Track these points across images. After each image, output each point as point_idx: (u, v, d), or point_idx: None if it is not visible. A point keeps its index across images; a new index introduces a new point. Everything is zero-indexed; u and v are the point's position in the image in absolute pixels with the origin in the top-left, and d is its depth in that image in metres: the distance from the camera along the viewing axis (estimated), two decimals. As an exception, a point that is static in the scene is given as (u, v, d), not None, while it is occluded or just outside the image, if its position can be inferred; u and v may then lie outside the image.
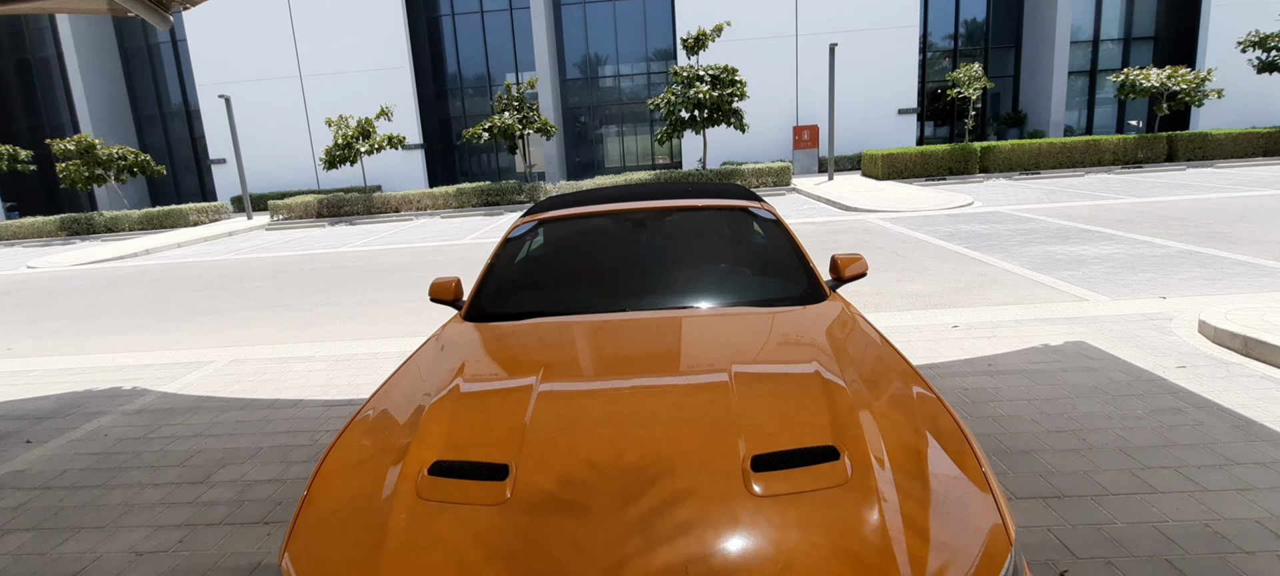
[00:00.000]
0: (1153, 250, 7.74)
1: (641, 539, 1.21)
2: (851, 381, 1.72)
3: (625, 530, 1.23)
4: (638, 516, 1.26)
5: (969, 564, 1.19)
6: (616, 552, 1.19)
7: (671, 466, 1.38)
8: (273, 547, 2.65)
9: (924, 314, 5.50)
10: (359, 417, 1.83)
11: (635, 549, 1.19)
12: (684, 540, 1.20)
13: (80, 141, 21.24)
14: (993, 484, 1.38)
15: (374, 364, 5.10)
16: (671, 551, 1.18)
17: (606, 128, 30.73)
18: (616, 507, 1.28)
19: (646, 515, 1.26)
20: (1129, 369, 3.94)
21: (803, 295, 2.49)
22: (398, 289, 8.62)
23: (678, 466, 1.38)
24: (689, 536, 1.20)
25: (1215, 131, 19.42)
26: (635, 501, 1.29)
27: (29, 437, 4.08)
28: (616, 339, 2.16)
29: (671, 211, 2.97)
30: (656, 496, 1.30)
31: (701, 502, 1.27)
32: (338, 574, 1.27)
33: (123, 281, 11.33)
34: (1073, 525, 2.43)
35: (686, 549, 1.18)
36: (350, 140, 20.35)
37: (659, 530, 1.22)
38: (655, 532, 1.22)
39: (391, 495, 1.40)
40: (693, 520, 1.24)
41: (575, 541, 1.22)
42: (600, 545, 1.21)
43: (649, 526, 1.23)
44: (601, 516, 1.27)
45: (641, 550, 1.19)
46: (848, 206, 14.18)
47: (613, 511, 1.28)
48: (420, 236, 14.78)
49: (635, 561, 1.17)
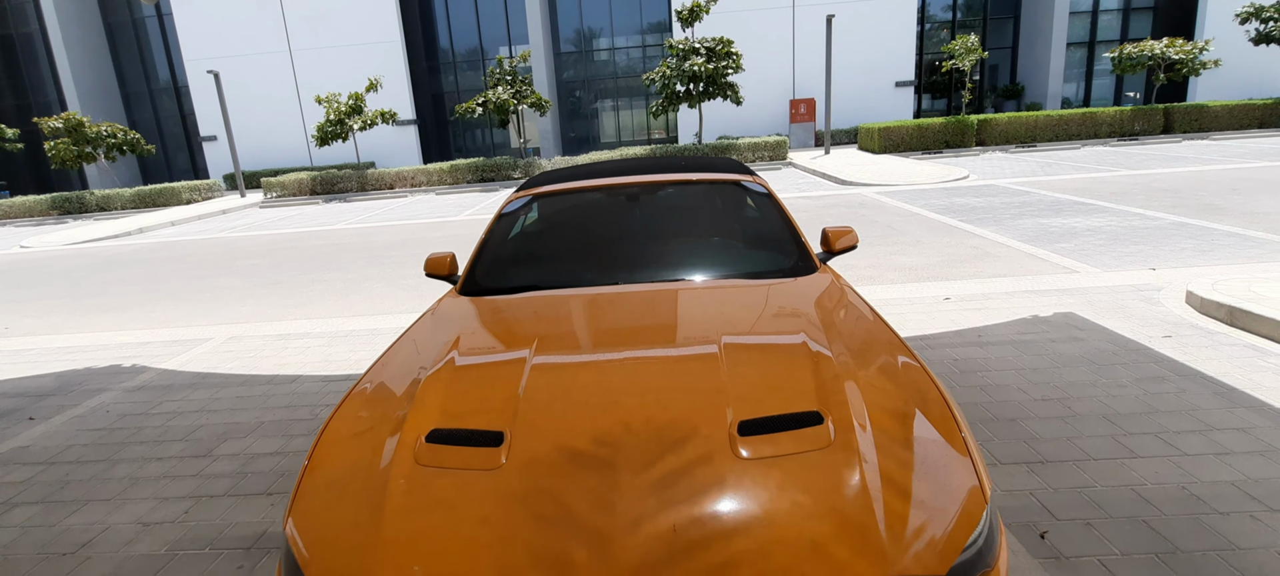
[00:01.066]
0: (1145, 222, 7.79)
1: (632, 502, 1.26)
2: (838, 351, 1.77)
3: (615, 493, 1.28)
4: (628, 480, 1.31)
5: (946, 521, 1.25)
6: (607, 514, 1.24)
7: (661, 432, 1.43)
8: (276, 517, 2.71)
9: (917, 286, 5.56)
10: (357, 389, 1.87)
11: (625, 511, 1.24)
12: (672, 502, 1.25)
13: (68, 119, 20.95)
14: (972, 447, 1.44)
15: (372, 339, 5.14)
16: (659, 512, 1.23)
17: (601, 102, 30.43)
18: (607, 472, 1.33)
19: (637, 479, 1.31)
20: (1116, 339, 4.01)
21: (793, 267, 2.53)
22: (394, 266, 8.63)
23: (667, 432, 1.43)
24: (677, 498, 1.25)
25: (1212, 103, 19.36)
26: (626, 466, 1.34)
27: (31, 414, 4.12)
28: (609, 312, 2.20)
29: (664, 185, 2.99)
30: (646, 461, 1.35)
31: (689, 466, 1.32)
32: (340, 537, 1.32)
33: (117, 260, 11.30)
34: (1054, 489, 2.51)
35: (674, 510, 1.23)
36: (342, 116, 20.13)
37: (648, 493, 1.27)
38: (644, 495, 1.27)
39: (390, 462, 1.45)
40: (681, 482, 1.29)
41: (567, 504, 1.27)
42: (591, 507, 1.26)
43: (638, 489, 1.28)
44: (592, 480, 1.32)
45: (631, 513, 1.24)
46: (844, 180, 14.16)
47: (603, 475, 1.33)
48: (415, 213, 14.73)
49: (624, 524, 1.22)
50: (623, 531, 1.20)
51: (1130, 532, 2.22)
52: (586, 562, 1.16)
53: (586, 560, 1.16)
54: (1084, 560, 2.11)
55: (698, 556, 1.15)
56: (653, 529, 1.20)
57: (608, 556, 1.16)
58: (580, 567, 1.16)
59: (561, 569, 1.16)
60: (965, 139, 19.50)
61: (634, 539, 1.18)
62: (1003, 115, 19.61)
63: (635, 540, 1.18)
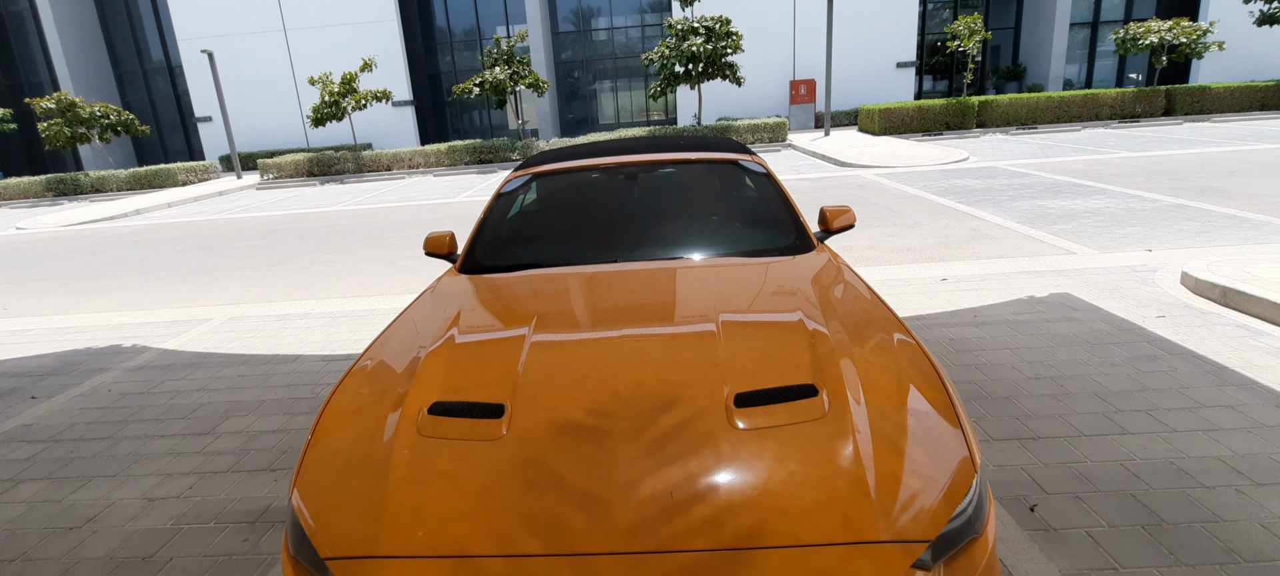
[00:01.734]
0: (1143, 204, 7.80)
1: (630, 470, 1.29)
2: (834, 328, 1.79)
3: (614, 462, 1.31)
4: (626, 450, 1.34)
5: (937, 490, 1.28)
6: (604, 482, 1.27)
7: (659, 404, 1.46)
8: (280, 492, 2.75)
9: (914, 267, 5.58)
10: (359, 365, 1.90)
11: (623, 478, 1.27)
12: (669, 469, 1.28)
13: (60, 99, 20.75)
14: (963, 420, 1.47)
15: (372, 320, 5.16)
16: (657, 479, 1.26)
17: (600, 83, 30.19)
18: (606, 442, 1.36)
19: (635, 448, 1.34)
20: (1110, 319, 4.04)
21: (791, 246, 2.55)
22: (393, 247, 8.63)
23: (664, 404, 1.46)
24: (674, 466, 1.29)
25: (1214, 85, 19.26)
26: (624, 436, 1.37)
27: (33, 393, 4.15)
28: (608, 290, 2.22)
29: (663, 164, 2.99)
30: (644, 431, 1.38)
31: (687, 435, 1.35)
32: (344, 505, 1.35)
33: (115, 242, 11.27)
34: (1045, 464, 2.55)
35: (672, 477, 1.26)
36: (336, 97, 19.97)
37: (646, 461, 1.30)
38: (642, 463, 1.30)
39: (393, 434, 1.48)
40: (678, 451, 1.32)
41: (566, 472, 1.30)
42: (590, 475, 1.29)
43: (637, 458, 1.31)
44: (591, 449, 1.35)
45: (629, 480, 1.27)
46: (843, 162, 14.12)
47: (602, 445, 1.36)
48: (413, 194, 14.69)
49: (622, 491, 1.25)
50: (620, 498, 1.23)
51: (1118, 505, 2.27)
52: (585, 528, 1.19)
53: (585, 526, 1.20)
54: (1072, 532, 2.16)
55: (694, 522, 1.18)
56: (650, 495, 1.23)
57: (606, 522, 1.20)
58: (579, 533, 1.19)
59: (561, 534, 1.19)
60: (966, 121, 19.41)
61: (631, 505, 1.22)
62: (1004, 97, 19.50)
63: (632, 506, 1.21)
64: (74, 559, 2.41)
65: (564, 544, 1.18)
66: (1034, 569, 2.01)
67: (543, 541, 1.19)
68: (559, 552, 1.17)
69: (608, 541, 1.17)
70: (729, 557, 1.14)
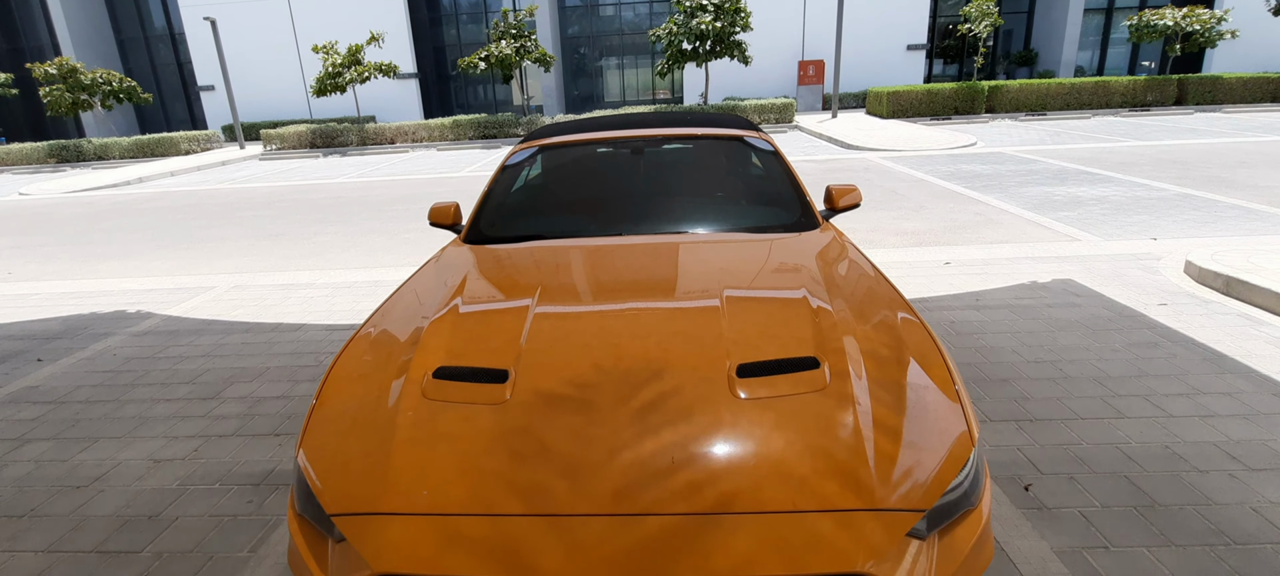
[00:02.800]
0: (1150, 193, 7.75)
1: (632, 433, 1.31)
2: (838, 306, 1.79)
3: (618, 426, 1.33)
4: (629, 414, 1.36)
5: (934, 462, 1.29)
6: (608, 446, 1.29)
7: (661, 373, 1.47)
8: (284, 456, 2.79)
9: (918, 251, 5.57)
10: (363, 331, 1.91)
11: (626, 442, 1.29)
12: (671, 435, 1.30)
13: (61, 65, 20.60)
14: (962, 395, 1.48)
15: (375, 291, 5.18)
16: (658, 444, 1.28)
17: (606, 60, 29.88)
18: (610, 406, 1.38)
19: (637, 413, 1.36)
20: (1112, 305, 4.04)
21: (796, 223, 2.55)
22: (396, 220, 8.62)
23: (667, 373, 1.47)
24: (675, 432, 1.30)
25: (1226, 75, 19.01)
26: (627, 401, 1.39)
27: (39, 356, 4.19)
28: (611, 262, 2.22)
29: (669, 139, 2.98)
30: (647, 397, 1.40)
31: (688, 403, 1.37)
32: (350, 464, 1.37)
33: (118, 209, 11.27)
34: (1041, 445, 2.57)
35: (672, 442, 1.28)
36: (339, 68, 19.80)
37: (648, 426, 1.32)
38: (645, 428, 1.32)
39: (399, 396, 1.49)
40: (679, 418, 1.33)
41: (570, 436, 1.32)
42: (593, 439, 1.31)
43: (639, 422, 1.33)
44: (596, 414, 1.36)
45: (632, 444, 1.29)
46: (850, 145, 14.02)
47: (606, 409, 1.37)
48: (416, 168, 14.63)
49: (625, 453, 1.27)
50: (623, 462, 1.25)
51: (1111, 487, 2.29)
52: (588, 490, 1.21)
53: (588, 487, 1.22)
54: (1065, 511, 2.18)
55: (694, 486, 1.20)
56: (651, 460, 1.25)
57: (608, 484, 1.21)
58: (582, 494, 1.21)
59: (565, 495, 1.21)
60: (975, 105, 19.22)
61: (633, 469, 1.24)
62: (1014, 82, 19.29)
63: (634, 470, 1.23)
64: (81, 516, 2.45)
65: (567, 505, 1.20)
66: (1026, 546, 2.04)
67: (547, 502, 1.21)
68: (563, 513, 1.19)
69: (610, 503, 1.19)
70: (727, 521, 1.16)
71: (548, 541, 1.15)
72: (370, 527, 1.23)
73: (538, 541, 1.15)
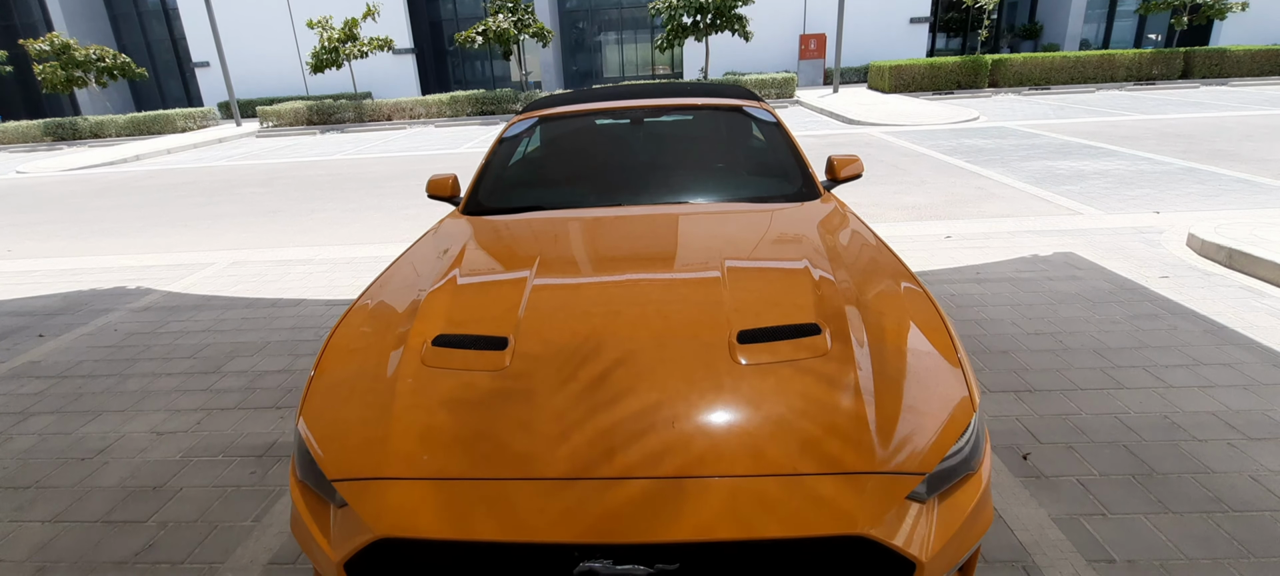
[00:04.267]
0: (1153, 167, 7.69)
1: (633, 398, 1.30)
2: (840, 276, 1.78)
3: (618, 391, 1.32)
4: (630, 379, 1.35)
5: (936, 426, 1.29)
6: (609, 410, 1.29)
7: (663, 338, 1.47)
8: (286, 428, 2.80)
9: (919, 225, 5.54)
10: (360, 303, 1.90)
11: (627, 407, 1.29)
12: (671, 399, 1.30)
13: (54, 41, 20.34)
14: (964, 361, 1.47)
15: (374, 267, 5.17)
16: (659, 409, 1.28)
17: (605, 34, 29.47)
18: (610, 372, 1.37)
19: (638, 377, 1.35)
20: (1113, 278, 4.03)
21: (798, 193, 2.52)
22: (395, 196, 8.58)
23: (668, 339, 1.46)
24: (676, 396, 1.30)
25: (1233, 48, 18.75)
26: (628, 366, 1.39)
27: (41, 332, 4.19)
28: (612, 233, 2.20)
29: (669, 110, 2.94)
30: (648, 362, 1.39)
31: (689, 368, 1.37)
32: (350, 432, 1.37)
33: (115, 187, 11.21)
34: (1040, 415, 2.58)
35: (673, 406, 1.28)
36: (335, 43, 19.54)
37: (649, 391, 1.32)
38: (645, 393, 1.31)
39: (399, 363, 1.49)
40: (680, 382, 1.33)
41: (571, 401, 1.32)
42: (594, 404, 1.31)
43: (640, 387, 1.33)
44: (595, 380, 1.36)
45: (633, 408, 1.28)
46: (851, 120, 13.89)
47: (606, 375, 1.37)
48: (414, 145, 14.52)
49: (626, 418, 1.27)
50: (624, 426, 1.25)
51: (1109, 455, 2.31)
52: (590, 453, 1.21)
53: (590, 451, 1.22)
54: (1063, 479, 2.19)
55: (693, 449, 1.20)
56: (651, 423, 1.25)
57: (610, 448, 1.21)
58: (585, 457, 1.21)
59: (567, 459, 1.21)
60: (978, 80, 19.00)
61: (635, 432, 1.23)
62: (1018, 56, 19.04)
63: (634, 432, 1.23)
64: (86, 487, 2.47)
65: (568, 468, 1.20)
66: (1024, 513, 2.05)
67: (547, 466, 1.21)
68: (565, 476, 1.19)
69: (610, 466, 1.19)
70: (728, 483, 1.16)
71: (548, 504, 1.16)
72: (371, 492, 1.23)
73: (538, 504, 1.16)
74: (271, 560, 2.03)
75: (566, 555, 1.14)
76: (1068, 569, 1.83)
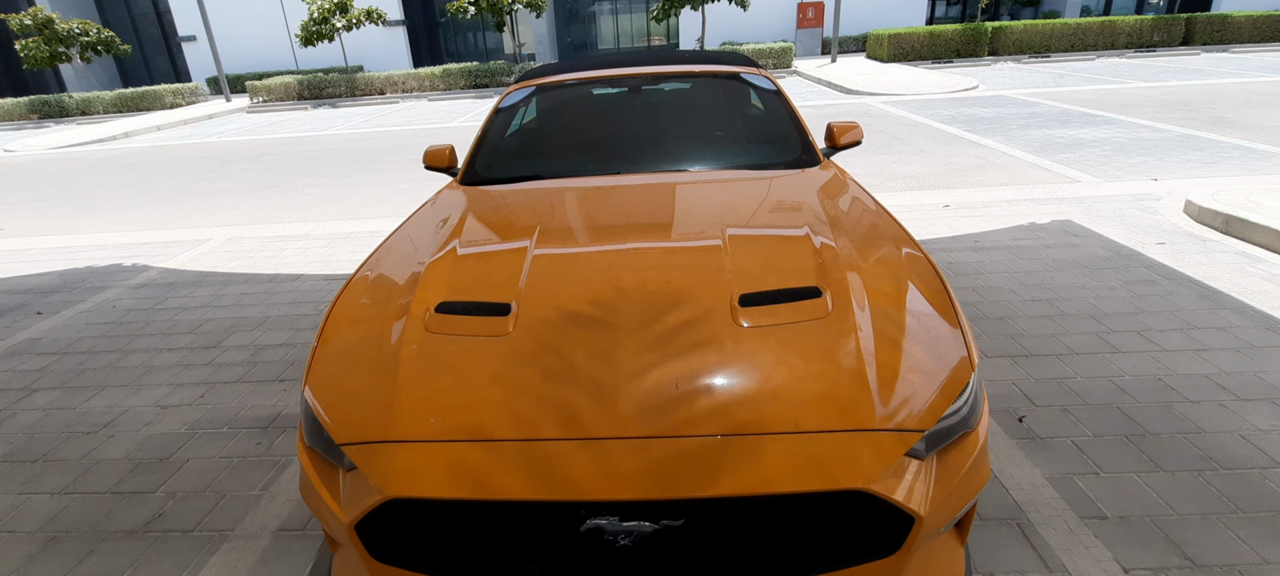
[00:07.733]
0: (1152, 134, 7.66)
1: (636, 361, 1.32)
2: (841, 242, 1.79)
3: (621, 356, 1.34)
4: (633, 344, 1.36)
5: (935, 384, 1.31)
6: (612, 374, 1.30)
7: (664, 303, 1.48)
8: (290, 400, 2.82)
9: (917, 194, 5.54)
10: (360, 275, 1.90)
11: (630, 370, 1.30)
12: (673, 362, 1.31)
13: (35, 14, 19.87)
14: (963, 322, 1.49)
15: (371, 241, 5.15)
16: (661, 372, 1.29)
17: (600, 4, 28.95)
18: (612, 336, 1.39)
19: (640, 342, 1.37)
20: (1110, 245, 4.05)
21: (797, 160, 2.52)
22: (389, 171, 8.50)
23: (670, 303, 1.47)
24: (678, 359, 1.32)
25: (1235, 14, 18.54)
26: (630, 331, 1.40)
27: (39, 309, 4.19)
28: (611, 202, 2.20)
29: (667, 77, 2.91)
30: (649, 325, 1.41)
31: (691, 330, 1.38)
32: (355, 398, 1.39)
33: (106, 164, 11.08)
34: (1036, 379, 2.61)
35: (676, 368, 1.29)
36: (326, 15, 19.16)
37: (651, 354, 1.33)
38: (648, 356, 1.33)
39: (402, 330, 1.50)
40: (682, 346, 1.35)
41: (573, 362, 1.33)
42: (596, 368, 1.32)
43: (642, 351, 1.34)
44: (598, 344, 1.37)
45: (635, 371, 1.30)
46: (849, 89, 13.75)
47: (609, 339, 1.38)
48: (407, 119, 14.34)
49: (629, 381, 1.28)
50: (626, 386, 1.27)
51: (1103, 417, 2.34)
52: (592, 414, 1.23)
53: (592, 411, 1.23)
54: (1058, 441, 2.23)
55: (697, 410, 1.22)
56: (655, 385, 1.26)
57: (612, 408, 1.23)
58: (587, 418, 1.23)
59: (570, 419, 1.23)
60: (978, 48, 18.79)
61: (637, 392, 1.25)
62: (1018, 23, 18.80)
63: (638, 394, 1.25)
64: (93, 460, 2.50)
65: (572, 428, 1.22)
66: (1018, 473, 2.09)
67: (551, 426, 1.22)
68: (568, 436, 1.21)
69: (614, 426, 1.21)
70: (730, 443, 1.18)
71: (553, 464, 1.18)
72: (379, 455, 1.25)
73: (544, 464, 1.18)
74: (280, 527, 2.06)
75: (573, 513, 1.16)
76: (1061, 525, 1.87)
